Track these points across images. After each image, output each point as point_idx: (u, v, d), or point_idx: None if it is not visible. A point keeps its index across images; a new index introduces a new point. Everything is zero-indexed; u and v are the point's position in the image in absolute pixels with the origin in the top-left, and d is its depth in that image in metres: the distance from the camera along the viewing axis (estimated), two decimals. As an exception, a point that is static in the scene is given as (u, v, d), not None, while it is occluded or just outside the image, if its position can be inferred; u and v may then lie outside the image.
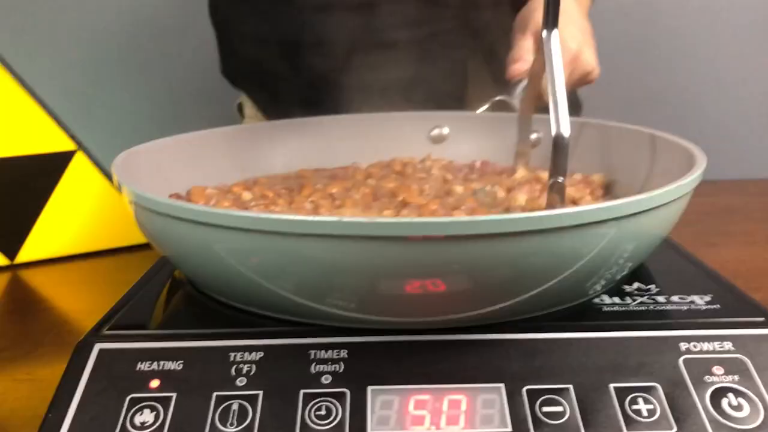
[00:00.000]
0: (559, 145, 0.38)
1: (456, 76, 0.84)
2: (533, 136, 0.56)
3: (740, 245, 0.64)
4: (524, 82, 0.61)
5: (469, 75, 0.86)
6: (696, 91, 1.18)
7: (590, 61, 0.65)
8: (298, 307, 0.34)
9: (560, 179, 0.39)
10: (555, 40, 0.41)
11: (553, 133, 0.38)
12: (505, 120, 0.59)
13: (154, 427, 0.30)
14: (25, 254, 0.63)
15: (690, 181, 0.35)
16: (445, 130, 0.59)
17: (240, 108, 0.94)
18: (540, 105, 0.65)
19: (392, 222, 0.30)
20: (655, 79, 1.17)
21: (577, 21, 0.66)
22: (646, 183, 0.45)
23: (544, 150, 0.56)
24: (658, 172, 0.45)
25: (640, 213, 0.32)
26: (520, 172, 0.52)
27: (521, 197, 0.46)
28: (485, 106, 0.59)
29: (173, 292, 0.42)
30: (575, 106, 0.86)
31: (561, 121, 0.38)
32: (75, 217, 0.64)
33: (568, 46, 0.64)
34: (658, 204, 0.33)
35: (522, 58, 0.64)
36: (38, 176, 0.63)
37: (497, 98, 0.60)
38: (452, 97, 0.82)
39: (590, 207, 0.31)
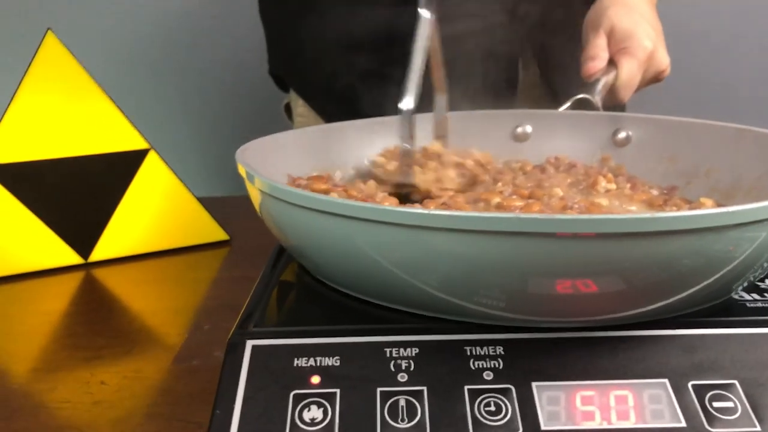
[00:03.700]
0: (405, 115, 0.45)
1: (508, 73, 0.83)
2: (621, 134, 0.56)
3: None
4: (603, 80, 0.62)
5: (520, 71, 0.87)
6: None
7: (664, 59, 0.66)
8: (447, 304, 0.34)
9: (409, 146, 0.46)
10: (432, 23, 0.47)
11: (405, 107, 0.45)
12: (587, 118, 0.59)
13: (325, 423, 0.30)
14: (98, 253, 0.62)
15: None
16: (528, 129, 0.59)
17: (287, 108, 0.94)
18: (611, 101, 0.66)
19: (543, 219, 0.29)
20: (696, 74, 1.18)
21: (650, 18, 0.66)
22: (757, 182, 0.45)
23: (632, 150, 0.56)
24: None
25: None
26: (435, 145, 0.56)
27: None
28: (567, 104, 0.59)
29: (290, 290, 0.42)
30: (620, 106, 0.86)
31: (415, 96, 0.45)
32: (147, 216, 0.64)
33: (644, 44, 0.64)
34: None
35: (597, 56, 0.64)
36: (112, 175, 0.62)
37: (578, 96, 0.60)
38: (504, 93, 0.82)
39: (745, 207, 0.31)
